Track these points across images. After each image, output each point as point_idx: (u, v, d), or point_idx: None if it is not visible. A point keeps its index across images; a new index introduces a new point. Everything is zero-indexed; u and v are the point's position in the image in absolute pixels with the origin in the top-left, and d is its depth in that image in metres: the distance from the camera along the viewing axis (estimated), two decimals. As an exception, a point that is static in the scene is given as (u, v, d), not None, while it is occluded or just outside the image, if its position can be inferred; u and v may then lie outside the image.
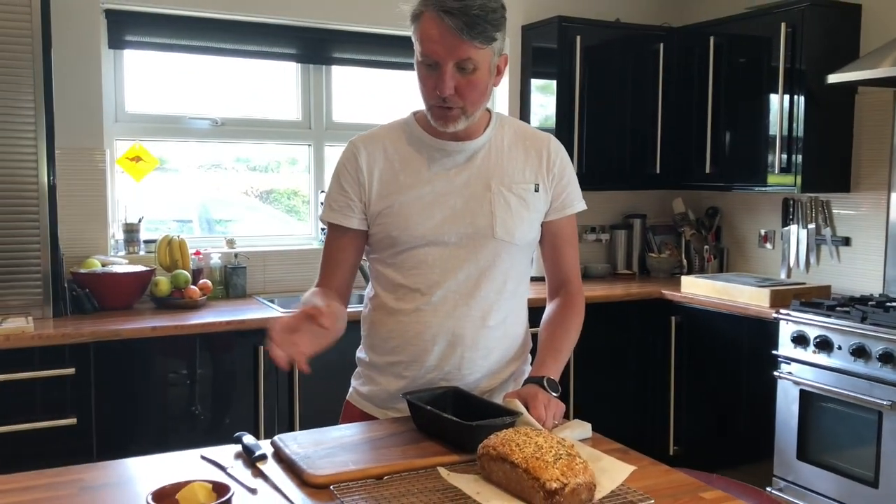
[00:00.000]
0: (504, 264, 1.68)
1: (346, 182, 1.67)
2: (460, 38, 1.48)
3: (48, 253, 2.91)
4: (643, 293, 3.82)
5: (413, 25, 1.56)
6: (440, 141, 1.65)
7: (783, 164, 3.54)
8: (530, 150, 1.71)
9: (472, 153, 1.67)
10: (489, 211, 1.64)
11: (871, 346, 2.86)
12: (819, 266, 3.78)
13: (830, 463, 3.04)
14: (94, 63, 3.28)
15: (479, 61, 1.52)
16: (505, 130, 1.71)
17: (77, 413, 2.73)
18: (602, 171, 4.01)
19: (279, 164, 3.99)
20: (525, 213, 1.68)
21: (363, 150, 1.67)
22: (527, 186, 1.68)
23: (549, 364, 1.63)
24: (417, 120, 1.69)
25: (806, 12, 3.45)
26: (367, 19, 3.75)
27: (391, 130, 1.71)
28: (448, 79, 1.52)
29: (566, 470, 1.17)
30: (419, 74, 1.58)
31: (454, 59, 1.51)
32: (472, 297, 1.66)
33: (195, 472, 1.32)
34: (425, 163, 1.66)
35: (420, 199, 1.63)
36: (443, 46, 1.50)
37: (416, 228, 1.63)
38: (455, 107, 1.56)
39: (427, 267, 1.64)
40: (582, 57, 3.88)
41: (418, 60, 1.56)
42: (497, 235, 1.65)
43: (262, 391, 3.02)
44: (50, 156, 2.89)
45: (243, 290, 3.50)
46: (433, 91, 1.55)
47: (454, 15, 1.47)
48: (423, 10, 1.52)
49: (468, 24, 1.47)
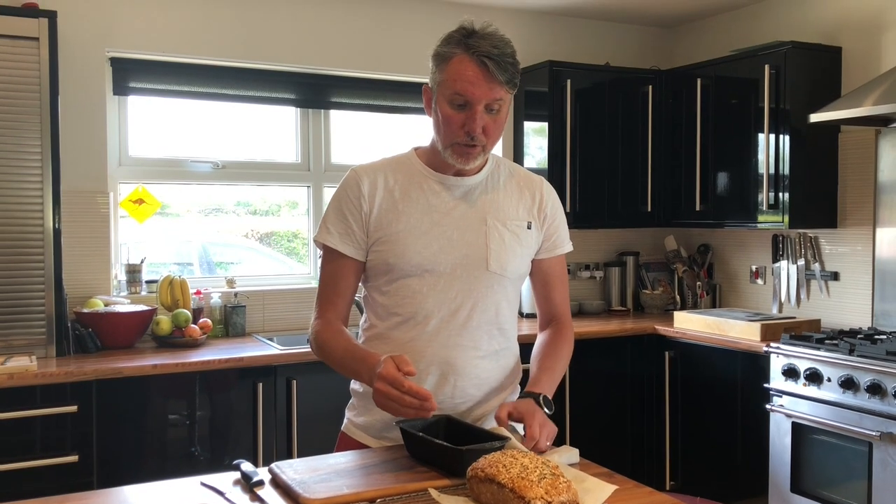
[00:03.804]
0: (496, 296, 1.75)
1: (348, 209, 1.72)
2: (497, 82, 1.61)
3: (52, 293, 2.98)
4: (637, 329, 3.87)
5: (440, 66, 1.65)
6: (441, 175, 1.74)
7: (771, 202, 3.62)
8: (524, 190, 1.81)
9: (470, 189, 1.75)
10: (484, 244, 1.72)
11: (860, 378, 2.91)
12: (809, 301, 3.84)
13: (823, 495, 3.06)
14: (99, 109, 3.38)
15: (504, 103, 1.65)
16: (501, 170, 1.81)
17: (79, 450, 2.77)
18: (594, 210, 4.09)
19: (279, 207, 4.07)
20: (518, 248, 1.76)
21: (365, 178, 1.73)
22: (520, 223, 1.77)
23: (543, 382, 1.71)
24: (418, 155, 1.78)
25: (788, 54, 3.56)
26: (364, 65, 3.87)
27: (392, 163, 1.79)
28: (479, 118, 1.62)
29: (550, 488, 1.22)
30: (443, 113, 1.65)
31: (488, 99, 1.62)
32: (465, 328, 1.72)
33: (195, 498, 1.37)
34: (424, 194, 1.73)
35: (417, 228, 1.70)
36: (479, 88, 1.60)
37: (413, 257, 1.69)
38: (479, 144, 1.66)
39: (421, 296, 1.70)
40: (573, 99, 3.99)
41: (446, 100, 1.64)
42: (490, 268, 1.72)
43: (261, 427, 3.06)
44: (55, 198, 2.98)
45: (243, 328, 3.56)
46: (460, 129, 1.64)
47: (494, 60, 1.59)
48: (456, 53, 1.62)
49: (504, 69, 1.61)
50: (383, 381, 1.49)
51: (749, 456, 3.43)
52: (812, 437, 3.11)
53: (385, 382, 1.49)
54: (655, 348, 3.85)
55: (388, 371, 1.49)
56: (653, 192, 4.20)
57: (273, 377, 3.10)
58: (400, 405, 1.48)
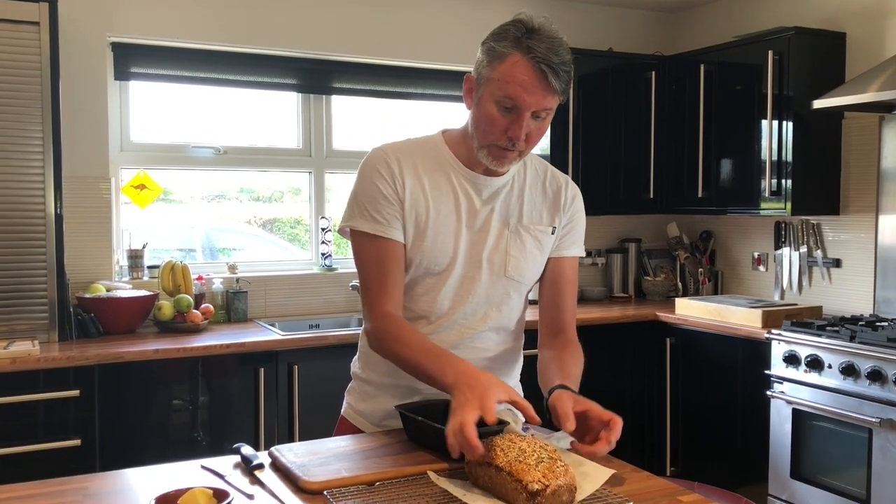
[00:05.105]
0: (512, 301, 1.73)
1: (385, 188, 1.61)
2: (552, 91, 1.51)
3: (54, 278, 2.98)
4: (638, 315, 3.88)
5: (492, 63, 1.54)
6: (471, 172, 1.66)
7: (773, 188, 3.61)
8: (549, 190, 1.76)
9: (497, 189, 1.69)
10: (504, 250, 1.68)
11: (860, 365, 2.91)
12: (811, 288, 3.84)
13: (823, 481, 3.08)
14: (100, 94, 3.38)
15: (552, 111, 1.56)
16: (528, 168, 1.74)
17: (81, 434, 2.79)
18: (597, 197, 4.08)
19: (282, 193, 4.07)
20: (538, 255, 1.73)
21: (395, 159, 1.63)
22: (543, 229, 1.72)
23: (564, 379, 1.58)
24: (446, 141, 1.69)
25: (792, 40, 3.54)
26: (366, 51, 3.86)
27: (421, 148, 1.68)
28: (526, 125, 1.53)
29: (547, 472, 1.23)
30: (487, 112, 1.55)
31: (539, 108, 1.53)
32: (477, 330, 1.70)
33: (196, 481, 1.38)
34: (452, 189, 1.65)
35: (445, 226, 1.64)
36: (533, 96, 1.51)
37: (438, 256, 1.64)
38: (517, 150, 1.57)
39: (438, 296, 1.67)
40: (575, 85, 3.97)
41: (493, 99, 1.54)
42: (508, 274, 1.69)
43: (262, 412, 3.08)
44: (57, 184, 2.98)
45: (244, 314, 3.57)
46: (502, 133, 1.55)
47: (553, 68, 1.49)
48: (512, 53, 1.51)
49: (561, 78, 1.51)
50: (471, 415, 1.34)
51: (749, 442, 3.44)
52: (812, 424, 3.11)
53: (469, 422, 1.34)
54: (656, 335, 3.85)
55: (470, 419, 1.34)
56: (655, 179, 4.19)
57: (275, 362, 3.10)
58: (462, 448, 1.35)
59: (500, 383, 1.43)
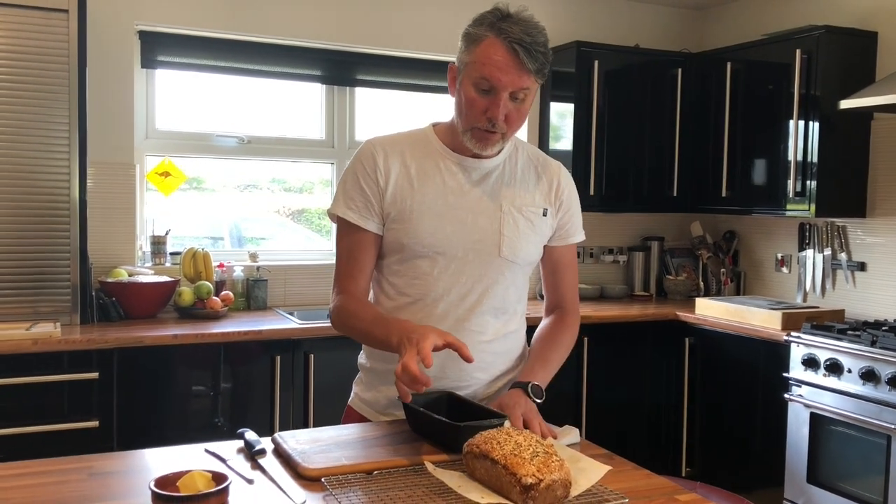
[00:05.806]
0: (506, 281, 1.74)
1: (365, 181, 1.69)
2: (526, 70, 1.55)
3: (77, 262, 3.03)
4: (658, 314, 3.85)
5: (468, 46, 1.60)
6: (458, 156, 1.71)
7: (798, 189, 3.57)
8: (542, 175, 1.78)
9: (487, 172, 1.72)
10: (497, 230, 1.70)
11: (881, 370, 2.87)
12: (835, 291, 3.78)
13: (840, 487, 3.04)
14: (126, 81, 3.43)
15: (530, 92, 1.60)
16: (519, 153, 1.78)
17: (100, 416, 2.84)
18: (620, 194, 4.06)
19: (312, 184, 4.11)
20: (532, 236, 1.74)
21: (381, 151, 1.71)
22: (536, 210, 1.75)
23: (536, 370, 1.69)
24: (436, 132, 1.75)
25: (821, 39, 3.49)
26: (390, 43, 3.87)
27: (409, 138, 1.75)
28: (503, 105, 1.58)
29: (542, 466, 1.23)
30: (467, 95, 1.61)
31: (514, 87, 1.57)
32: (473, 312, 1.71)
33: (197, 463, 1.40)
34: (440, 174, 1.70)
35: (431, 208, 1.68)
36: (507, 75, 1.55)
37: (426, 238, 1.67)
38: (499, 131, 1.62)
39: (432, 278, 1.69)
40: (600, 81, 3.95)
41: (471, 82, 1.59)
42: (503, 254, 1.71)
43: (278, 399, 3.11)
44: (82, 170, 3.03)
45: (264, 302, 3.60)
46: (481, 114, 1.60)
47: (525, 47, 1.54)
48: (487, 35, 1.57)
49: (534, 58, 1.55)
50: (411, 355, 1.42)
51: (766, 445, 3.41)
52: (830, 429, 3.07)
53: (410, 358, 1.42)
54: (676, 334, 3.82)
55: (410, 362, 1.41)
56: (679, 177, 4.15)
57: (291, 351, 3.13)
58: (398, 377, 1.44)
59: (436, 330, 1.49)
